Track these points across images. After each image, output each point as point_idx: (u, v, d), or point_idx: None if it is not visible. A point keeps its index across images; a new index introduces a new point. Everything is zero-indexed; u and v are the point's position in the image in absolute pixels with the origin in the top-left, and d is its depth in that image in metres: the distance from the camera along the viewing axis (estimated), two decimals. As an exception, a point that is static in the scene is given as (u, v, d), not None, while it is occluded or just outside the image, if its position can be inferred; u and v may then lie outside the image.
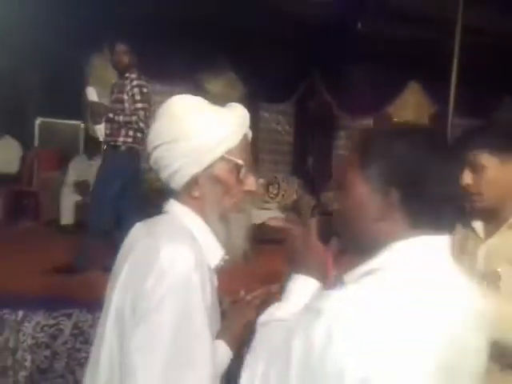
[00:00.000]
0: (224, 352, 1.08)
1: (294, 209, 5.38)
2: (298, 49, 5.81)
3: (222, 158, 1.07)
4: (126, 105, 3.55)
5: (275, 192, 5.91)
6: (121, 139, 3.54)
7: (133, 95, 3.52)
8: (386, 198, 0.87)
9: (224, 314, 1.12)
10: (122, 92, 3.58)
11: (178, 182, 1.08)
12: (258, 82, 6.25)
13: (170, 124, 1.06)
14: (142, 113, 3.50)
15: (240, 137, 1.09)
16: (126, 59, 3.59)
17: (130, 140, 3.54)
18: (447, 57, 3.73)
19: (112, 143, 3.57)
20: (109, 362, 1.02)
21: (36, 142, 6.05)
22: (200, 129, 1.05)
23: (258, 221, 4.30)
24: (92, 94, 3.54)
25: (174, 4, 4.72)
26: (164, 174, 1.08)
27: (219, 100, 1.15)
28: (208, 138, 1.05)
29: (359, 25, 5.08)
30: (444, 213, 0.86)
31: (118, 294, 1.03)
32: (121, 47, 3.60)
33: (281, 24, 5.12)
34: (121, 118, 3.50)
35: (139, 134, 3.54)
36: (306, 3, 4.85)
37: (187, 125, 1.05)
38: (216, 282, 1.10)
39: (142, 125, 3.48)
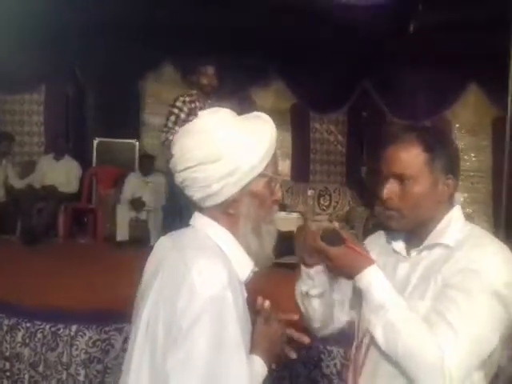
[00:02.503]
0: (260, 368, 1.04)
1: (346, 220, 5.22)
2: (349, 56, 5.67)
3: (259, 174, 1.04)
4: None
5: (326, 204, 5.80)
6: None
7: None
8: (447, 184, 1.17)
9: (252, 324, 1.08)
10: None
11: (212, 202, 1.03)
12: (309, 92, 6.16)
13: (205, 143, 1.00)
14: None
15: (273, 150, 1.06)
16: (215, 81, 3.72)
17: None
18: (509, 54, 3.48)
19: None
20: (137, 377, 1.00)
21: (94, 162, 6.27)
22: (240, 148, 1.00)
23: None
24: None
25: (222, 16, 4.76)
26: (197, 195, 1.03)
27: (268, 112, 1.12)
28: (250, 157, 1.01)
29: (411, 27, 4.87)
30: None
31: (149, 310, 1.00)
32: (211, 69, 3.71)
33: (330, 32, 5.03)
34: None
35: None
36: (355, 10, 4.73)
37: (225, 144, 1.00)
38: (245, 294, 1.06)
39: None
